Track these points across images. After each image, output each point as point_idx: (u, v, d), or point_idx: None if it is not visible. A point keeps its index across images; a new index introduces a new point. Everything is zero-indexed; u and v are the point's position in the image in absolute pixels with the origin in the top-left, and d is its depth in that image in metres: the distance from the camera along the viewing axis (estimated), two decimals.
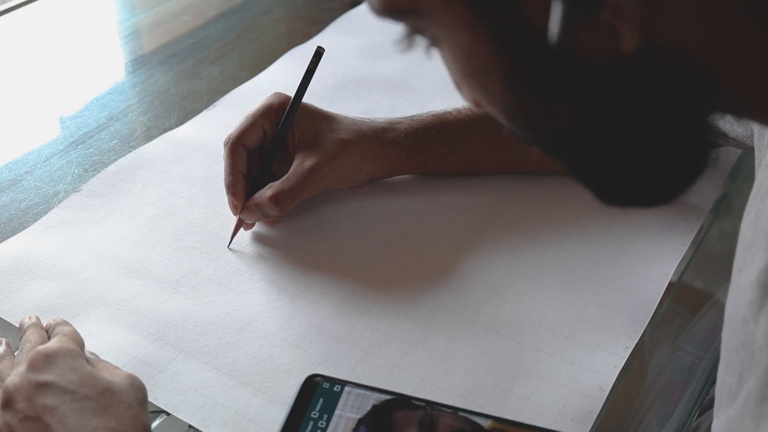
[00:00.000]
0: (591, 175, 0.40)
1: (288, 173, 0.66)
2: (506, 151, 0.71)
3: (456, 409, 0.51)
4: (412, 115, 0.71)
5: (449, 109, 0.72)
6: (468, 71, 0.39)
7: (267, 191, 0.65)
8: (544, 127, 0.39)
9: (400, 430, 0.49)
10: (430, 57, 0.41)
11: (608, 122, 0.37)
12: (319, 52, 0.68)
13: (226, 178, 0.66)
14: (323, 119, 0.69)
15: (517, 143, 0.42)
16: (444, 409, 0.51)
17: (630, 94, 0.36)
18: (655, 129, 0.37)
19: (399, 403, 0.51)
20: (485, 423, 0.50)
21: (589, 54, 0.34)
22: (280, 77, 0.89)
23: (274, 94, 0.69)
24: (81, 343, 0.54)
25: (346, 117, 0.70)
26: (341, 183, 0.69)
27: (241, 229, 0.67)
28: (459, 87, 0.42)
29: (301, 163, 0.66)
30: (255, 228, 0.68)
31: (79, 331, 0.58)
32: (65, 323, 0.56)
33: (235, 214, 0.67)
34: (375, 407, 0.51)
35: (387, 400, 0.51)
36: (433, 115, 0.71)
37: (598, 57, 0.34)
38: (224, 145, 0.67)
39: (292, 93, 0.73)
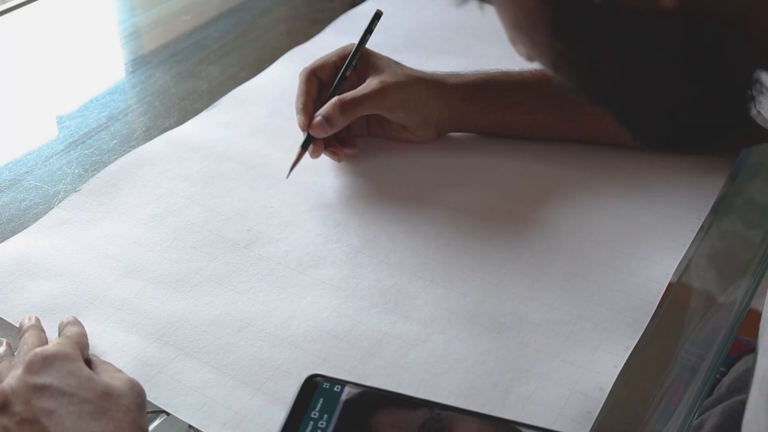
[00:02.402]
0: (632, 121, 0.43)
1: (359, 87, 0.72)
2: (564, 111, 0.73)
3: (455, 409, 0.51)
4: (477, 70, 0.76)
5: (514, 69, 0.75)
6: (517, 23, 0.42)
7: (334, 99, 0.71)
8: (588, 77, 0.41)
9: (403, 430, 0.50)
10: (484, 11, 0.43)
11: (646, 74, 0.39)
12: (378, 14, 0.76)
13: (297, 100, 0.73)
14: (393, 62, 0.75)
15: (565, 93, 0.44)
16: (450, 411, 0.50)
17: (668, 50, 0.38)
18: (691, 82, 0.38)
19: (400, 402, 0.51)
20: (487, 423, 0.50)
21: (631, 9, 0.37)
22: (280, 77, 0.89)
23: (350, 43, 0.75)
24: (84, 345, 0.54)
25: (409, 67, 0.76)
26: (407, 111, 0.73)
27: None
28: (513, 42, 0.44)
29: (370, 81, 0.72)
30: (255, 229, 0.68)
31: None
32: (75, 323, 0.56)
33: (303, 131, 0.71)
34: (374, 406, 0.51)
35: (387, 400, 0.51)
36: (497, 70, 0.75)
37: (640, 12, 0.37)
38: (299, 75, 0.74)
39: (292, 92, 0.73)
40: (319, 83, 0.74)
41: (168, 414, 0.54)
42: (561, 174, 0.74)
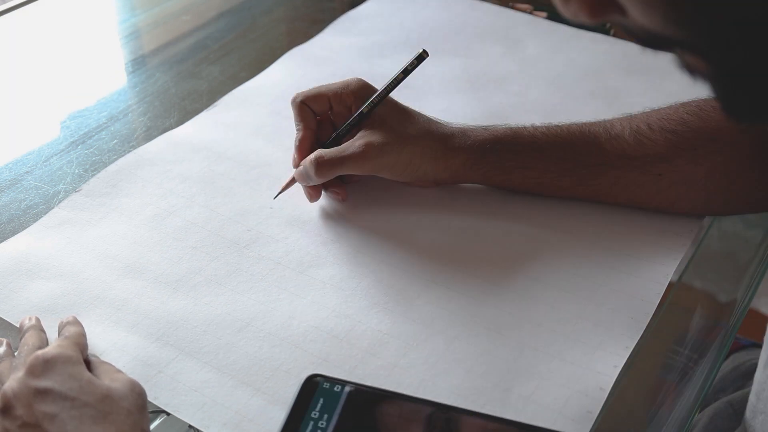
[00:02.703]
0: (727, 86, 0.40)
1: (342, 145, 0.68)
2: (575, 175, 0.68)
3: (456, 410, 0.51)
4: (487, 126, 0.70)
5: (526, 125, 0.70)
6: None
7: (313, 154, 0.67)
8: (706, 31, 0.37)
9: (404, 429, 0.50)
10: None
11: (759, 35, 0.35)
12: (422, 56, 0.68)
13: (296, 132, 0.70)
14: (398, 112, 0.70)
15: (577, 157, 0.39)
16: (451, 411, 0.50)
17: None
18: None
19: (401, 402, 0.51)
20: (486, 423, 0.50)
21: None
22: (280, 77, 0.89)
23: (356, 78, 0.71)
24: (83, 346, 0.54)
25: (422, 115, 0.71)
26: (394, 173, 0.68)
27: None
28: None
29: (355, 140, 0.67)
30: (255, 228, 0.68)
31: None
32: (75, 323, 0.56)
33: (293, 167, 0.69)
34: (374, 406, 0.51)
35: (388, 399, 0.51)
36: (507, 128, 0.70)
37: None
38: (291, 102, 0.70)
39: (292, 92, 0.73)
40: (314, 114, 0.70)
41: (168, 414, 0.54)
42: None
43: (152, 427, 0.55)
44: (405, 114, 0.70)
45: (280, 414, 0.53)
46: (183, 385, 0.55)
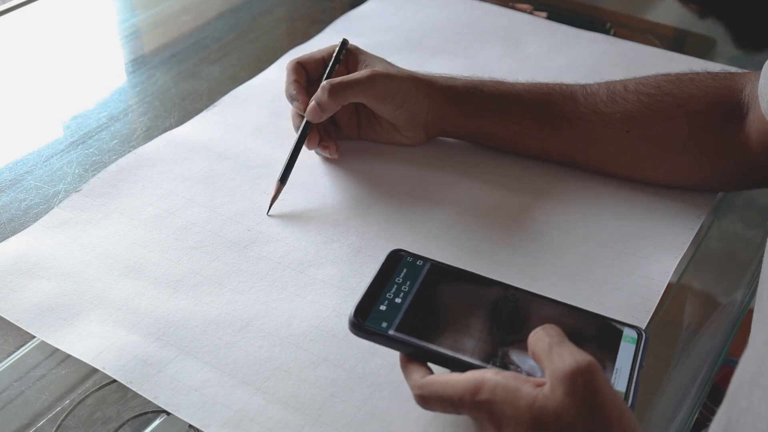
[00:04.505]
0: (732, 19, 0.42)
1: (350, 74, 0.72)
2: (550, 126, 0.72)
3: (529, 293, 0.54)
4: (469, 75, 0.76)
5: (508, 79, 0.75)
6: None
7: (324, 83, 0.71)
8: None
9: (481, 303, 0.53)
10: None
11: None
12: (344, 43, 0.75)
13: (287, 89, 0.74)
14: (385, 60, 0.76)
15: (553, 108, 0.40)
16: (524, 294, 0.54)
17: None
18: None
19: (479, 281, 0.55)
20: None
21: None
22: (280, 77, 0.89)
23: (344, 38, 0.76)
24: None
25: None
26: (396, 104, 0.72)
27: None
28: None
29: (360, 70, 0.73)
30: (255, 228, 0.68)
31: (79, 331, 0.59)
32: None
33: (303, 115, 0.72)
34: (453, 280, 0.55)
35: (466, 277, 0.55)
36: (490, 78, 0.75)
37: None
38: (286, 67, 0.76)
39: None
40: (307, 76, 0.75)
41: (168, 414, 0.54)
42: (561, 174, 0.74)
43: (152, 427, 0.55)
44: (390, 63, 0.76)
45: (280, 413, 0.53)
46: (183, 385, 0.55)
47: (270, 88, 0.87)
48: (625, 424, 0.43)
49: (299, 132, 0.72)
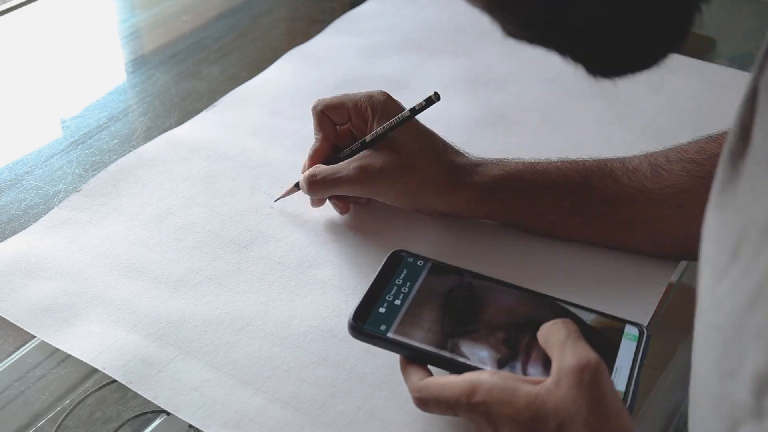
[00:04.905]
0: (577, 52, 0.40)
1: (338, 165, 0.66)
2: (589, 211, 0.65)
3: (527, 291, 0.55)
4: (500, 160, 0.67)
5: (540, 159, 0.67)
6: None
7: (310, 170, 0.66)
8: (522, 15, 0.39)
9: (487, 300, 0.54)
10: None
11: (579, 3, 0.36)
12: (431, 99, 0.64)
13: (314, 138, 0.69)
14: (416, 134, 0.66)
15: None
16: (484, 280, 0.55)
17: None
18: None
19: (477, 278, 0.55)
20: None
21: None
22: (280, 77, 0.89)
23: (381, 91, 0.67)
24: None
25: (442, 142, 0.67)
26: (388, 200, 0.66)
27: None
28: None
29: (352, 161, 0.65)
30: (255, 228, 0.68)
31: (79, 331, 0.59)
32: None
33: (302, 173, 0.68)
34: (451, 279, 0.55)
35: (465, 274, 0.55)
36: (520, 162, 0.67)
37: None
38: (312, 109, 0.69)
39: (292, 93, 0.73)
40: (334, 123, 0.69)
41: (168, 414, 0.54)
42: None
43: (152, 427, 0.55)
44: (422, 138, 0.66)
45: (280, 413, 0.53)
46: (183, 385, 0.55)
47: (270, 88, 0.87)
48: (620, 423, 0.43)
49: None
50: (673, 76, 0.89)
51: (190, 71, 0.93)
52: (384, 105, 0.66)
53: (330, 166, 0.66)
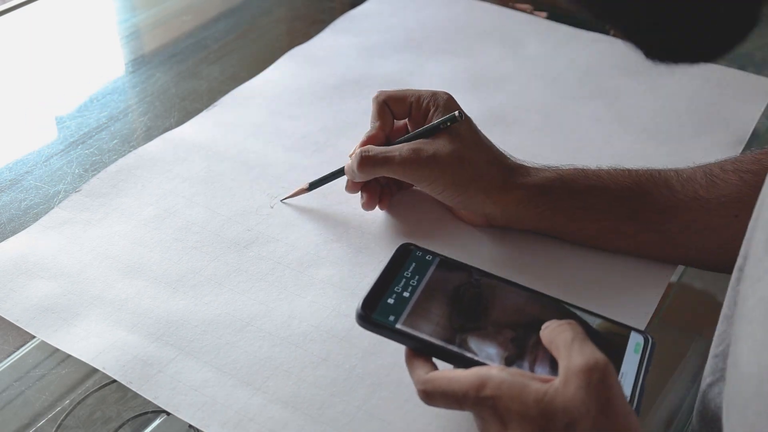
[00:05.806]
0: (640, 35, 0.41)
1: (392, 146, 0.65)
2: (642, 219, 0.64)
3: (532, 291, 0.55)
4: (557, 167, 0.67)
5: (591, 166, 0.67)
6: None
7: (360, 149, 0.65)
8: None
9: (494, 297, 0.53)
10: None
11: None
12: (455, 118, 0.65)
13: (370, 125, 0.68)
14: (471, 132, 0.66)
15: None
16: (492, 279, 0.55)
17: None
18: None
19: (485, 276, 0.55)
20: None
21: None
22: (280, 77, 0.89)
23: (444, 91, 0.68)
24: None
25: (494, 146, 0.67)
26: (435, 190, 0.65)
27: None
28: None
29: (407, 144, 0.65)
30: (255, 228, 0.68)
31: (79, 331, 0.59)
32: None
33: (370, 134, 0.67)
34: (460, 275, 0.54)
35: (473, 271, 0.55)
36: (573, 167, 0.66)
37: None
38: (373, 99, 0.68)
39: (292, 93, 0.73)
40: (393, 115, 0.68)
41: (168, 414, 0.54)
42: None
43: (152, 427, 0.55)
44: (479, 136, 0.66)
45: (280, 413, 0.53)
46: (183, 385, 0.55)
47: (270, 88, 0.87)
48: (629, 425, 0.43)
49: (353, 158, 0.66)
50: (673, 76, 0.89)
51: (190, 71, 0.93)
52: (447, 102, 0.67)
53: (383, 147, 0.65)
